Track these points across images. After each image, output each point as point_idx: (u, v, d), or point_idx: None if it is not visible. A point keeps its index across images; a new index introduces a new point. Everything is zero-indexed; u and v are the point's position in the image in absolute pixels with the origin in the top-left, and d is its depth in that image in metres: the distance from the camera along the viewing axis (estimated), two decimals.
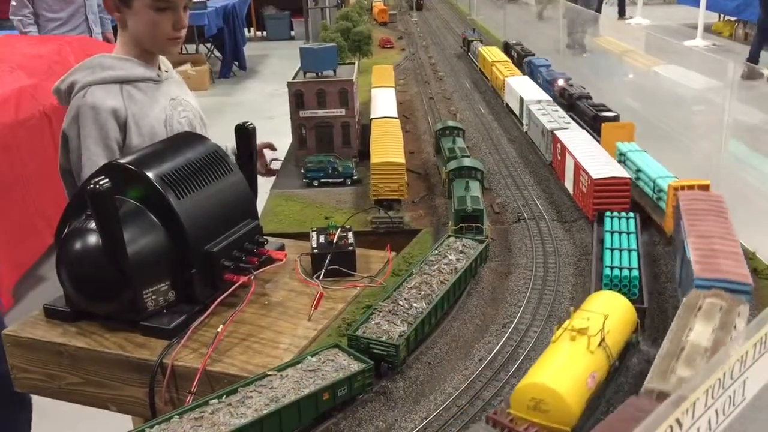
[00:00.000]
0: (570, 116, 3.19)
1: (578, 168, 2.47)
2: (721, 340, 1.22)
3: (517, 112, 3.63)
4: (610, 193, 2.32)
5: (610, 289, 1.79)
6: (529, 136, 3.37)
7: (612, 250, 1.99)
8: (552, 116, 3.09)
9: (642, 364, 1.60)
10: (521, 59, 4.57)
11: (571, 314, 1.48)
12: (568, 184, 2.63)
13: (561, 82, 3.65)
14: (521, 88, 3.67)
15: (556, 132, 2.83)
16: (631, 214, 2.22)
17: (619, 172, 2.37)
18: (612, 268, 1.87)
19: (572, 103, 3.40)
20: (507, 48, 5.12)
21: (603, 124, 2.89)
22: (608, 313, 1.46)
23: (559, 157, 2.79)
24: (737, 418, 0.90)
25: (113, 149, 2.42)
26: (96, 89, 2.44)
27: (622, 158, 2.63)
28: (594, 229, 2.25)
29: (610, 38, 5.62)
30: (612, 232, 2.11)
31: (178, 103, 2.67)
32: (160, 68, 2.66)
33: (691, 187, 2.14)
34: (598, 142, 2.83)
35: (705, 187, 2.15)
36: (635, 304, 1.66)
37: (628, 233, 2.10)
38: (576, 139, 2.73)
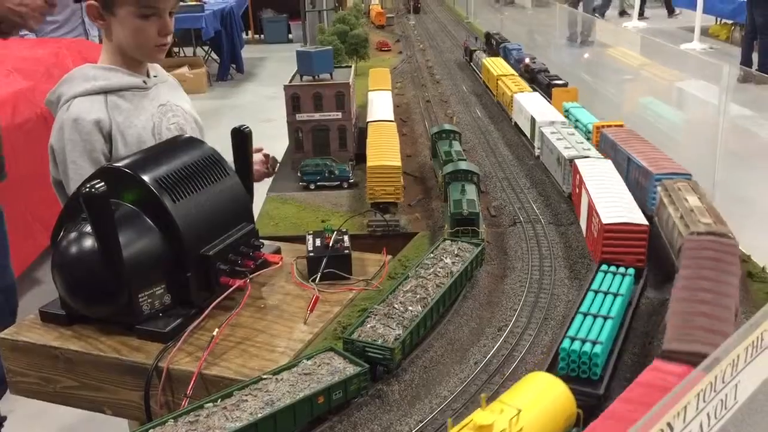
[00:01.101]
0: (571, 133, 2.87)
1: (591, 208, 2.15)
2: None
3: (528, 134, 3.29)
4: (621, 242, 1.98)
5: (568, 365, 1.48)
6: (542, 162, 3.01)
7: (586, 315, 1.62)
8: (569, 141, 2.74)
9: None
10: (498, 45, 5.29)
11: (481, 402, 1.15)
12: (582, 224, 2.31)
13: (527, 60, 4.41)
14: (532, 106, 3.30)
15: (577, 162, 2.46)
16: (630, 271, 1.83)
17: (637, 218, 2.02)
18: (574, 339, 1.51)
19: (533, 76, 4.16)
20: (488, 37, 5.82)
21: (553, 89, 3.72)
22: (532, 405, 1.19)
23: (577, 190, 2.43)
24: (729, 422, 0.90)
25: (100, 161, 2.39)
26: (79, 101, 2.40)
27: (566, 113, 3.33)
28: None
29: (625, 50, 4.90)
30: (597, 292, 1.73)
31: (168, 108, 2.61)
32: (148, 74, 2.61)
33: (608, 127, 2.89)
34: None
35: (620, 126, 2.89)
36: (591, 389, 1.43)
37: (617, 295, 1.71)
38: (597, 172, 2.36)
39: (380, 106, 3.47)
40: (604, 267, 1.87)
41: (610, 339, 1.57)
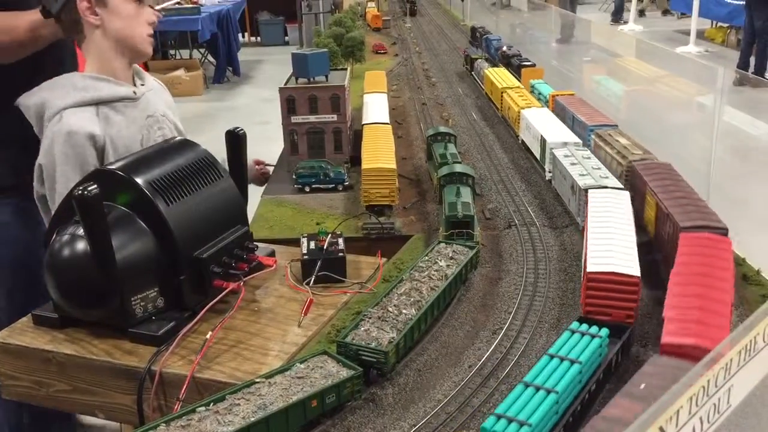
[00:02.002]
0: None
1: (585, 249, 1.91)
2: None
3: (537, 154, 3.00)
4: (607, 293, 1.71)
5: None
6: (554, 188, 2.73)
7: (528, 386, 1.39)
8: (584, 167, 2.44)
9: None
10: (481, 37, 5.60)
11: None
12: (582, 263, 2.00)
13: (504, 48, 4.78)
14: (542, 124, 3.00)
15: (590, 193, 2.19)
16: (604, 331, 1.56)
17: (629, 267, 1.72)
18: (500, 417, 1.30)
19: (508, 60, 4.54)
20: (473, 31, 6.13)
21: (522, 69, 4.16)
22: None
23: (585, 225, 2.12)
24: (723, 426, 0.90)
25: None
26: (70, 113, 2.30)
27: (533, 89, 3.70)
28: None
29: (637, 60, 4.49)
30: (554, 357, 1.48)
31: (155, 120, 2.55)
32: (135, 83, 2.55)
33: (561, 95, 3.32)
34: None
35: (571, 94, 3.27)
36: None
37: (574, 362, 1.45)
38: (607, 206, 2.07)
39: (376, 108, 3.46)
40: (575, 325, 1.60)
41: (546, 420, 1.32)
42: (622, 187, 2.26)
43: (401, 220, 2.64)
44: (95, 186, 1.67)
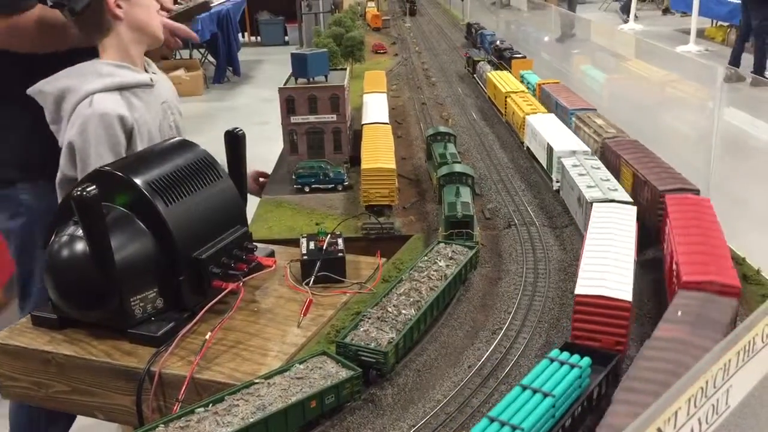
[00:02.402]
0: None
1: (578, 269, 1.76)
2: None
3: (544, 163, 2.87)
4: (595, 318, 1.59)
5: None
6: (562, 199, 2.62)
7: (493, 420, 1.27)
8: (593, 177, 2.33)
9: None
10: (476, 33, 5.89)
11: None
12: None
13: (497, 42, 5.02)
14: (549, 132, 2.88)
15: (595, 206, 2.06)
16: (585, 361, 1.44)
17: (620, 290, 1.59)
18: (493, 421, 1.26)
19: (500, 53, 4.80)
20: (469, 27, 6.37)
21: (513, 60, 4.43)
22: None
23: None
24: (721, 427, 0.90)
25: (122, 156, 2.42)
26: (100, 97, 2.42)
27: (522, 78, 3.92)
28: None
29: (644, 63, 4.35)
30: (526, 388, 1.37)
31: (168, 106, 2.70)
32: (147, 71, 2.67)
33: (547, 83, 3.54)
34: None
35: (556, 82, 3.55)
36: None
37: (547, 395, 1.34)
38: (610, 221, 1.95)
39: (375, 108, 3.46)
40: (554, 353, 1.48)
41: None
42: (631, 200, 2.13)
43: (401, 220, 2.64)
44: (94, 187, 1.67)
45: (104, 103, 2.40)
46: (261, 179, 3.32)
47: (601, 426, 1.12)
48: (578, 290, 1.61)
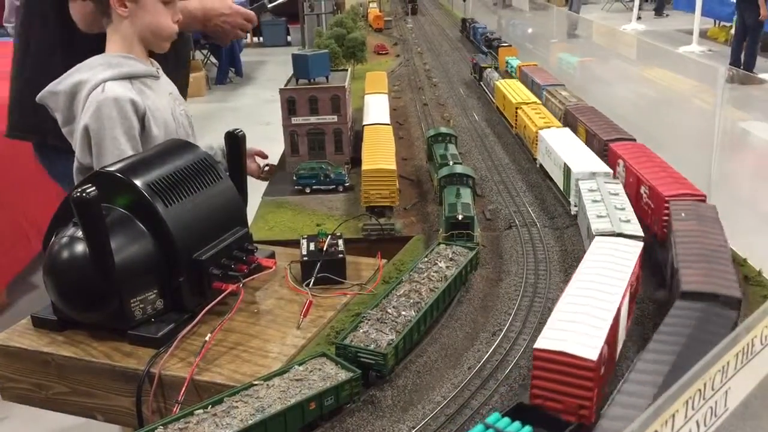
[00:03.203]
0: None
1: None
2: None
3: (560, 184, 2.62)
4: (557, 377, 1.37)
5: None
6: (578, 225, 2.40)
7: None
8: (606, 205, 2.11)
9: None
10: (470, 26, 6.43)
11: None
12: None
13: (487, 34, 5.58)
14: (566, 150, 2.63)
15: (596, 239, 1.86)
16: (527, 430, 1.24)
17: (588, 345, 1.36)
18: None
19: (489, 43, 5.35)
20: (464, 21, 6.91)
21: (499, 48, 4.92)
22: None
23: None
24: (720, 429, 0.89)
25: (137, 140, 2.46)
26: (112, 84, 2.45)
27: (507, 64, 4.45)
28: None
29: (664, 71, 4.12)
30: None
31: (174, 97, 2.75)
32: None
33: (526, 66, 4.10)
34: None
35: (534, 64, 4.27)
36: None
37: None
38: (606, 258, 1.72)
39: (376, 109, 3.46)
40: (492, 418, 1.26)
41: None
42: (641, 234, 1.92)
43: (401, 221, 2.63)
44: (94, 188, 1.67)
45: (116, 88, 2.45)
46: (262, 159, 3.32)
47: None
48: (538, 343, 1.39)
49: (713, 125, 2.96)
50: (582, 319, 1.44)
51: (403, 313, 1.78)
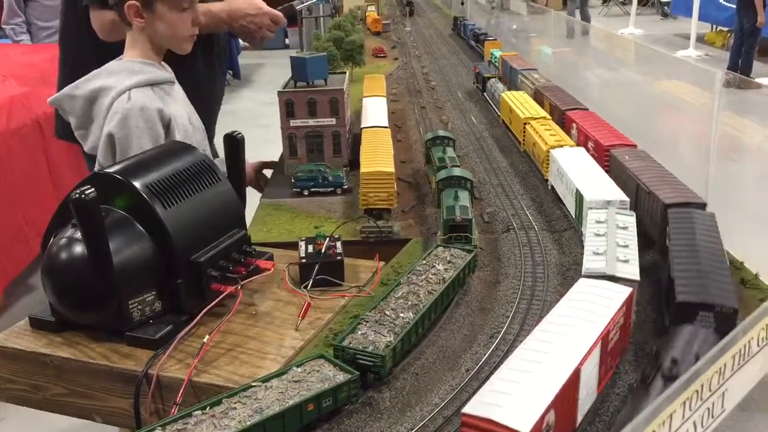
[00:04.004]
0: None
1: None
2: None
3: (572, 211, 2.42)
4: None
5: None
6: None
7: None
8: (608, 241, 1.91)
9: None
10: (461, 23, 6.88)
11: None
12: None
13: (476, 30, 6.03)
14: (579, 173, 2.42)
15: (579, 281, 1.70)
16: None
17: (517, 417, 1.17)
18: None
19: (477, 37, 5.79)
20: (455, 20, 7.35)
21: (485, 42, 5.28)
22: None
23: None
24: (717, 430, 0.90)
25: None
26: (137, 92, 2.47)
27: (492, 56, 4.86)
28: None
29: (682, 83, 3.83)
30: None
31: (188, 103, 2.78)
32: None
33: (506, 55, 4.63)
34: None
35: (514, 54, 4.71)
36: None
37: None
38: (586, 306, 1.53)
39: (374, 112, 3.46)
40: None
41: None
42: (635, 278, 1.74)
43: (400, 223, 2.64)
44: (92, 189, 1.67)
45: (142, 97, 2.47)
46: (265, 171, 3.35)
47: None
48: (467, 407, 1.23)
49: (704, 126, 3.02)
50: (528, 379, 1.25)
51: (401, 315, 1.78)
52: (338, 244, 2.15)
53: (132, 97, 2.45)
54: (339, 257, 2.10)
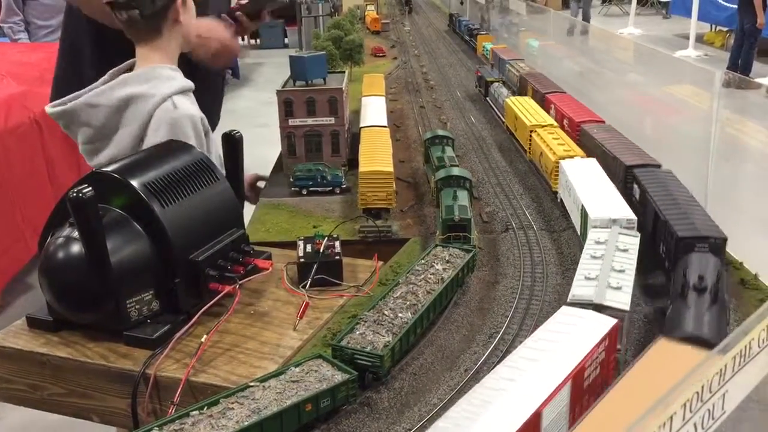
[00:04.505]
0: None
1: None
2: None
3: (578, 227, 2.30)
4: None
5: None
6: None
7: None
8: (605, 263, 1.77)
9: None
10: (456, 19, 7.29)
11: None
12: None
13: (470, 25, 6.48)
14: (586, 187, 2.29)
15: (561, 309, 1.57)
16: None
17: None
18: None
19: (470, 31, 6.23)
20: (451, 16, 7.74)
21: (478, 36, 5.85)
22: None
23: None
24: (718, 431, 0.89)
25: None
26: (180, 99, 2.41)
27: (484, 49, 5.35)
28: None
29: (695, 88, 3.65)
30: None
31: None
32: None
33: (497, 47, 5.01)
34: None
35: (503, 47, 5.11)
36: None
37: None
38: (560, 335, 1.41)
39: (373, 111, 3.46)
40: None
41: None
42: (625, 308, 1.60)
43: (398, 223, 2.63)
44: (90, 188, 1.67)
45: (187, 104, 2.43)
46: (258, 184, 3.31)
47: None
48: None
49: (700, 127, 3.06)
50: (480, 421, 1.13)
51: (400, 315, 1.77)
52: (337, 243, 2.15)
53: (177, 104, 2.39)
54: (337, 257, 2.10)
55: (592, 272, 1.72)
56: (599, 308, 1.57)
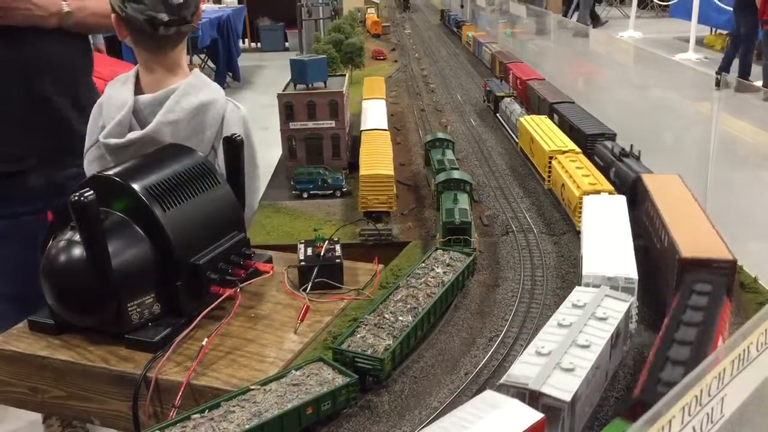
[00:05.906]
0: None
1: None
2: None
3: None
4: None
5: None
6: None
7: None
8: (567, 336, 1.47)
9: None
10: (446, 14, 8.18)
11: None
12: None
13: (458, 18, 7.39)
14: (594, 233, 1.97)
15: (485, 392, 1.37)
16: None
17: None
18: None
19: (457, 24, 7.15)
20: (442, 12, 8.57)
21: (462, 26, 6.79)
22: None
23: None
24: None
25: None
26: (230, 101, 2.59)
27: (468, 38, 6.27)
28: None
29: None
30: None
31: None
32: None
33: (477, 34, 6.20)
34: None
35: (483, 33, 6.24)
36: None
37: None
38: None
39: (374, 114, 3.47)
40: None
41: None
42: (566, 400, 1.29)
43: (399, 226, 2.64)
44: (92, 192, 1.67)
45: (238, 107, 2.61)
46: None
47: None
48: None
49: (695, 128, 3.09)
50: None
51: (400, 318, 1.78)
52: (337, 246, 2.15)
53: (237, 104, 2.61)
54: (338, 260, 2.10)
55: (547, 346, 1.41)
56: (534, 396, 1.29)
